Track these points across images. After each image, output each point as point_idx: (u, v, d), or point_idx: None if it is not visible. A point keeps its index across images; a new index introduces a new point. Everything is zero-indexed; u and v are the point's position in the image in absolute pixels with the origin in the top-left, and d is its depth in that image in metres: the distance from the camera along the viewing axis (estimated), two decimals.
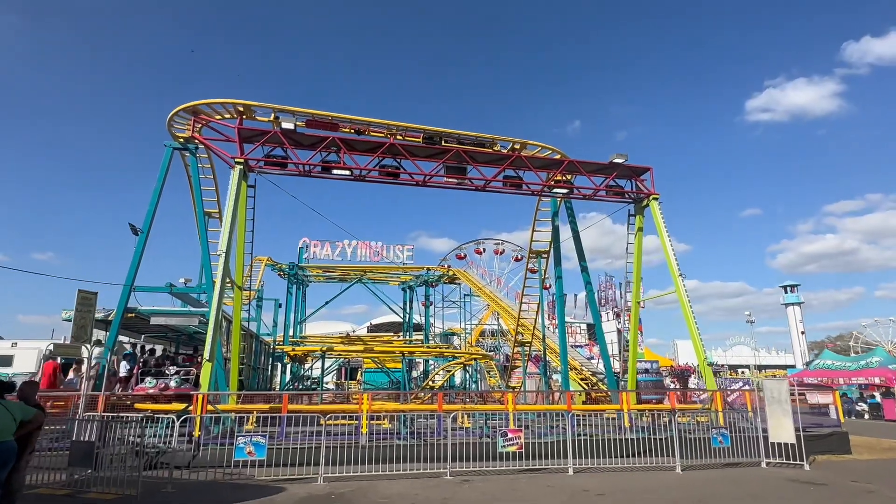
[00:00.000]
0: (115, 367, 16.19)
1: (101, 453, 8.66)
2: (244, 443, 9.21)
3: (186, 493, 8.52)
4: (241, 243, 15.41)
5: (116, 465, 8.72)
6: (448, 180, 16.44)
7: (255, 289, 26.51)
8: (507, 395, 13.09)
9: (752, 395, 14.14)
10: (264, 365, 28.49)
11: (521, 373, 34.55)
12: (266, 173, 15.58)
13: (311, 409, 12.40)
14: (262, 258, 36.31)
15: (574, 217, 19.39)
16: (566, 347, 18.14)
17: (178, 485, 8.99)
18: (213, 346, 12.08)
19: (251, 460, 9.29)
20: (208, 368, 11.84)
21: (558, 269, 18.80)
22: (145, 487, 8.82)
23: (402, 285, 43.59)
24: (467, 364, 22.82)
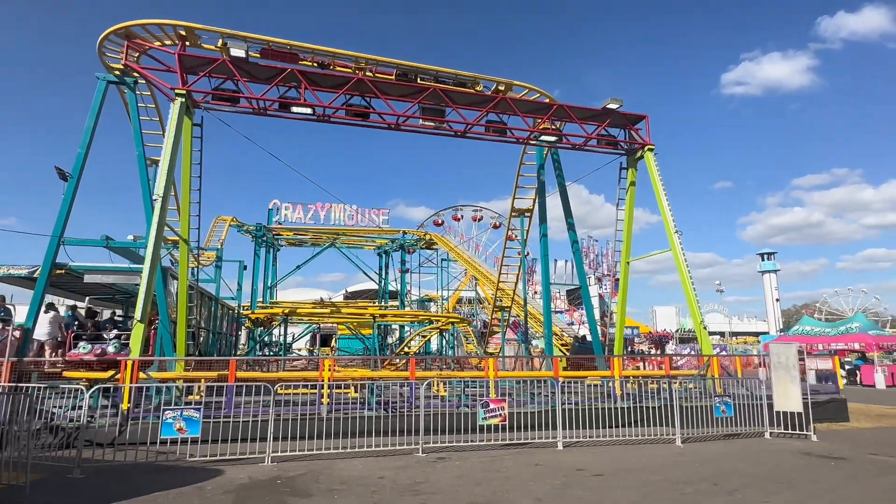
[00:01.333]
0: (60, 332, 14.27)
1: (7, 430, 6.99)
2: (173, 417, 7.61)
3: (94, 480, 6.93)
4: (185, 189, 13.44)
5: (25, 444, 7.08)
6: (424, 124, 14.62)
7: (215, 248, 24.44)
8: (487, 360, 11.72)
9: (740, 361, 13.25)
10: (229, 331, 26.75)
11: (499, 339, 33.57)
12: (214, 110, 13.53)
13: (264, 376, 10.84)
14: (225, 218, 34.14)
15: (561, 169, 17.83)
16: (550, 311, 16.89)
17: (92, 468, 7.39)
18: (146, 305, 10.31)
19: (190, 437, 7.71)
20: (139, 330, 10.10)
21: (543, 227, 17.36)
22: (51, 471, 7.21)
23: (377, 250, 41.90)
24: (444, 329, 21.47)
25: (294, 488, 6.65)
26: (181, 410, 7.67)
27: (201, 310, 20.01)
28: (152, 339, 15.06)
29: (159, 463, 7.68)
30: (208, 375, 10.90)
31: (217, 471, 7.42)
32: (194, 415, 7.68)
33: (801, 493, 6.50)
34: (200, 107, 13.42)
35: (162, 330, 14.15)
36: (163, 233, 11.24)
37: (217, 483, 6.84)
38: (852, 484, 6.98)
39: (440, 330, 21.24)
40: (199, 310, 19.96)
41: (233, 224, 34.51)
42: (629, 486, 6.77)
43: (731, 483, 6.95)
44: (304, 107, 13.59)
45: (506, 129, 15.30)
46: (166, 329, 14.01)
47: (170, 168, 11.71)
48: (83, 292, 18.99)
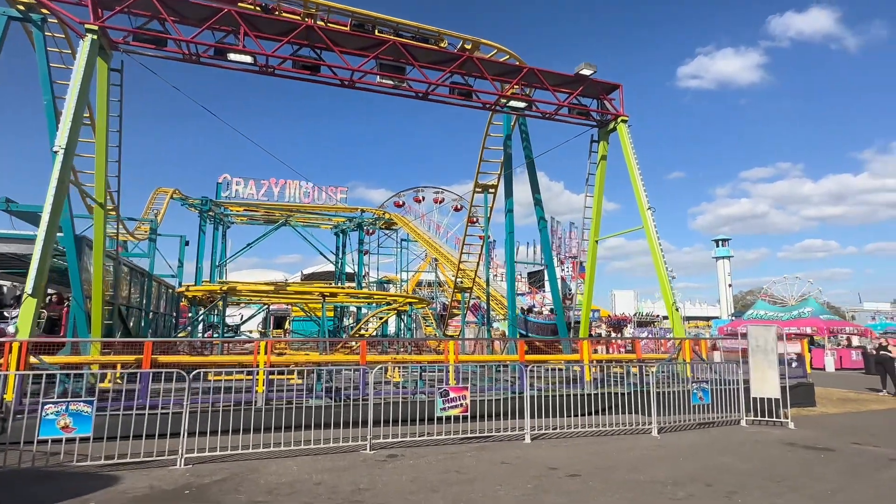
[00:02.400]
0: None
1: None
2: (55, 413, 6.08)
3: None
4: (101, 145, 11.53)
5: None
6: (382, 82, 13.14)
7: (149, 220, 22.25)
8: (446, 343, 10.56)
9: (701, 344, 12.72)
10: (168, 311, 24.63)
11: (459, 321, 32.66)
12: (136, 53, 11.62)
13: (190, 360, 9.33)
14: (167, 189, 31.57)
15: (529, 141, 16.74)
16: (514, 290, 15.90)
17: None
18: (39, 277, 8.57)
19: (79, 437, 6.20)
20: (30, 307, 8.37)
21: (509, 202, 16.27)
22: None
23: (334, 229, 40.09)
24: (402, 311, 20.21)
25: (205, 501, 5.31)
26: (67, 404, 6.14)
27: (131, 287, 18.03)
28: (65, 319, 13.23)
29: (41, 469, 6.16)
30: (121, 360, 9.30)
31: (112, 478, 5.98)
32: (84, 409, 6.17)
33: (808, 496, 5.66)
34: (119, 48, 11.49)
35: (75, 308, 12.32)
36: (65, 191, 9.46)
37: (106, 496, 5.41)
38: (855, 482, 6.21)
39: (398, 312, 19.98)
40: (129, 287, 18.00)
41: (176, 197, 31.89)
42: (612, 490, 5.76)
43: (726, 483, 6.05)
44: (244, 54, 11.88)
45: (472, 93, 14.00)
46: (80, 307, 12.17)
47: (76, 115, 9.86)
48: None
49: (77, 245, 12.39)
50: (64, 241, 12.36)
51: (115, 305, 16.01)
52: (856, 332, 30.43)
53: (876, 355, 17.19)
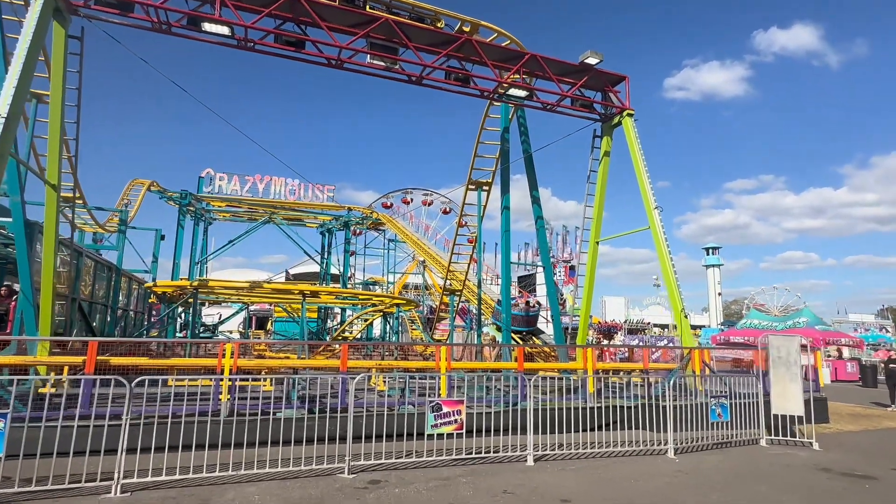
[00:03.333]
0: None
1: None
2: None
3: None
4: (55, 121, 10.28)
5: None
6: (372, 62, 12.06)
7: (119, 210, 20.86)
8: (438, 348, 9.49)
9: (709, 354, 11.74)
10: (139, 309, 23.18)
11: (447, 325, 31.56)
12: (98, 19, 10.41)
13: (142, 363, 8.14)
14: (143, 181, 30.07)
15: (528, 134, 15.77)
16: (509, 293, 14.89)
17: None
18: None
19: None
20: None
21: (506, 198, 15.28)
22: None
23: (320, 228, 38.85)
24: (388, 313, 19.09)
25: None
26: None
27: (95, 281, 16.68)
28: (13, 314, 11.91)
29: None
30: (62, 361, 8.08)
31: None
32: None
33: None
34: (79, 13, 10.28)
35: (23, 302, 11.02)
36: (4, 163, 8.22)
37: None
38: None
39: (384, 313, 18.86)
40: (92, 281, 16.65)
41: (154, 190, 30.40)
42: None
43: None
44: (220, 24, 10.73)
45: (469, 78, 12.98)
46: (29, 301, 10.87)
47: (21, 81, 8.63)
48: None
49: (28, 231, 11.13)
50: (13, 226, 11.10)
51: (75, 300, 14.73)
52: (850, 344, 29.93)
53: (886, 368, 16.48)
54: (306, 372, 10.25)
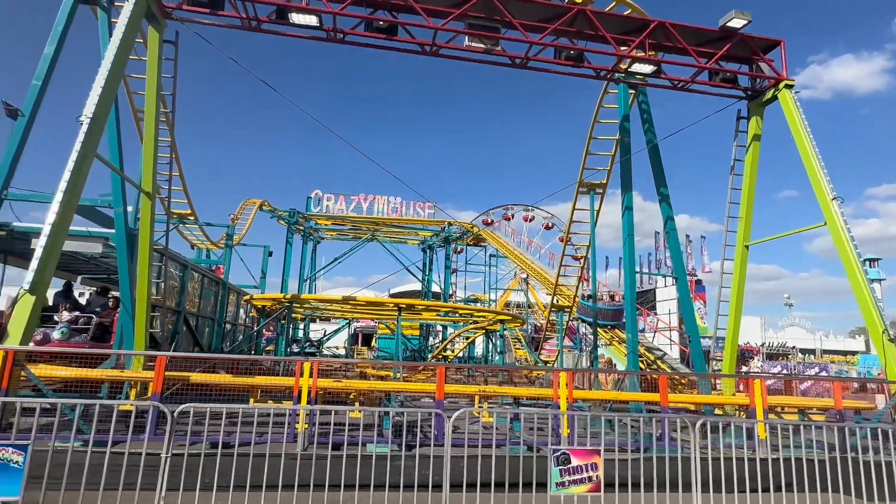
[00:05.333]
0: None
1: None
2: None
3: None
4: (150, 129, 10.07)
5: None
6: (471, 45, 10.67)
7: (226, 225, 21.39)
8: (556, 374, 7.59)
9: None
10: (248, 324, 23.69)
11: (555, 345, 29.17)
12: (189, 21, 10.11)
13: (216, 380, 7.19)
14: (255, 200, 31.39)
15: (652, 122, 13.46)
16: (635, 307, 12.51)
17: None
18: (42, 268, 6.86)
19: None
20: (26, 305, 6.64)
21: (628, 197, 13.02)
22: None
23: (421, 245, 38.61)
24: (491, 330, 17.40)
25: None
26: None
27: (202, 295, 16.86)
28: (115, 326, 11.90)
29: None
30: (136, 377, 7.37)
31: None
32: (13, 459, 4.03)
33: None
34: (172, 16, 10.04)
35: (123, 314, 10.89)
36: (88, 165, 7.85)
37: None
38: None
39: (486, 331, 17.22)
40: (199, 295, 16.84)
41: (265, 209, 31.71)
42: None
43: None
44: (308, 14, 9.96)
45: (583, 55, 11.12)
46: (129, 314, 10.70)
47: (108, 82, 8.31)
48: (68, 268, 16.26)
49: (129, 242, 11.03)
50: (115, 237, 11.07)
51: (180, 313, 14.80)
52: None
53: None
54: (400, 396, 8.87)
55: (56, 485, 4.69)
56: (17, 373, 6.31)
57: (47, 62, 10.78)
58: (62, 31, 10.85)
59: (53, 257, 7.21)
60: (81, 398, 6.95)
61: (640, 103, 13.66)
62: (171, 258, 13.67)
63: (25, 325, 6.54)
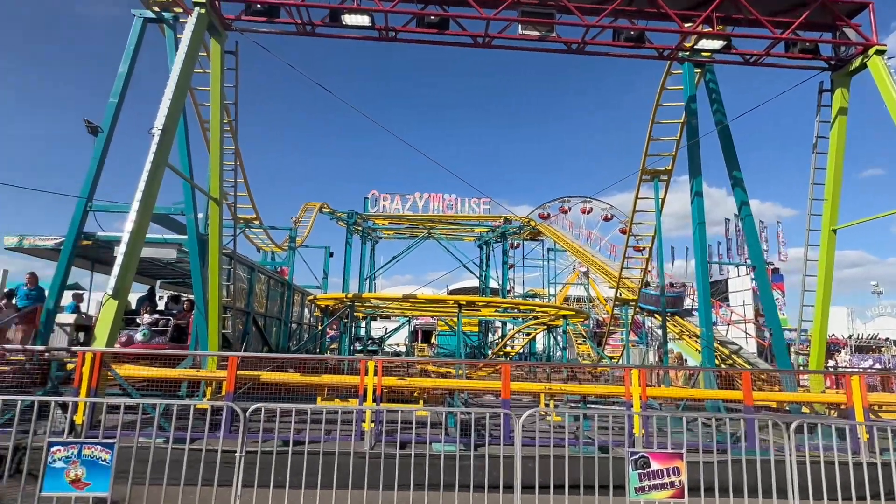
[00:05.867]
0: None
1: None
2: (64, 458, 4.20)
3: None
4: (215, 138, 10.48)
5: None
6: (525, 34, 10.38)
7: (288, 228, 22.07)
8: (627, 371, 7.21)
9: None
10: (312, 323, 24.40)
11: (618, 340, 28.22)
12: (247, 31, 10.42)
13: (285, 378, 7.35)
14: (314, 203, 32.30)
15: (721, 102, 12.62)
16: (709, 296, 11.75)
17: None
18: (123, 273, 7.25)
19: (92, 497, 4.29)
20: (110, 309, 7.04)
21: (697, 181, 12.26)
22: None
23: (477, 241, 38.56)
24: (553, 326, 16.99)
25: None
26: (80, 447, 4.23)
27: (268, 296, 17.47)
28: (191, 328, 12.50)
29: None
30: (210, 376, 7.65)
31: None
32: (102, 455, 4.22)
33: None
34: (232, 27, 10.38)
35: (197, 316, 11.42)
36: (160, 174, 8.24)
37: None
38: None
39: (548, 326, 16.82)
40: (265, 296, 17.46)
41: (325, 211, 32.63)
42: None
43: None
44: (360, 14, 10.01)
45: (644, 34, 10.56)
46: (203, 315, 11.22)
47: (176, 95, 8.68)
48: (106, 263, 17.10)
49: (201, 247, 11.55)
50: (188, 243, 11.61)
51: (249, 314, 15.39)
52: None
53: None
54: (463, 394, 8.77)
55: (140, 479, 4.90)
56: (105, 373, 6.69)
57: (122, 80, 11.45)
58: (133, 50, 11.49)
59: (133, 263, 7.60)
60: (162, 397, 7.31)
61: (707, 82, 12.85)
62: (238, 261, 14.23)
63: (110, 328, 6.94)
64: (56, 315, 11.24)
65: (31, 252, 12.43)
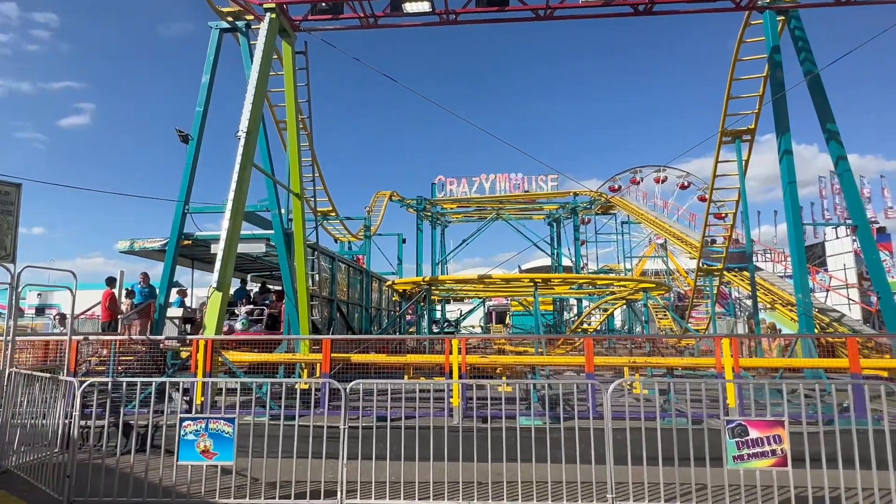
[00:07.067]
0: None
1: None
2: (195, 432, 4.74)
3: None
4: (293, 136, 11.05)
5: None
6: (589, 1, 10.07)
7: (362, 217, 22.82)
8: (717, 340, 6.97)
9: None
10: (391, 308, 25.24)
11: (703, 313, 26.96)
12: (315, 30, 10.83)
13: (375, 360, 7.74)
14: (385, 192, 33.11)
15: (810, 50, 11.59)
16: (804, 258, 10.94)
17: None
18: (224, 267, 7.91)
19: (221, 465, 4.83)
20: (216, 300, 7.72)
21: (785, 138, 11.38)
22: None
23: (547, 219, 37.92)
24: (632, 300, 16.55)
25: None
26: (206, 422, 4.76)
27: (349, 284, 18.28)
28: (282, 316, 13.36)
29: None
30: (305, 359, 8.20)
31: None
32: (225, 429, 4.73)
33: None
34: (300, 28, 10.84)
35: (289, 306, 12.20)
36: (248, 175, 8.84)
37: None
38: None
39: (626, 300, 16.41)
40: (347, 284, 18.27)
41: (395, 199, 33.39)
42: None
43: None
44: (421, 1, 10.12)
45: None
46: (292, 303, 11.98)
47: (256, 98, 9.24)
48: (203, 260, 18.24)
49: (287, 241, 12.29)
50: (274, 237, 12.38)
51: (333, 301, 16.20)
52: None
53: None
54: (546, 370, 8.85)
55: (258, 453, 5.42)
56: (216, 358, 7.39)
57: (205, 90, 12.29)
58: (213, 60, 12.27)
59: (232, 258, 8.27)
60: (265, 378, 7.95)
61: (791, 30, 11.82)
62: (321, 252, 14.99)
63: (217, 317, 7.63)
64: (167, 309, 12.45)
65: (140, 254, 13.72)
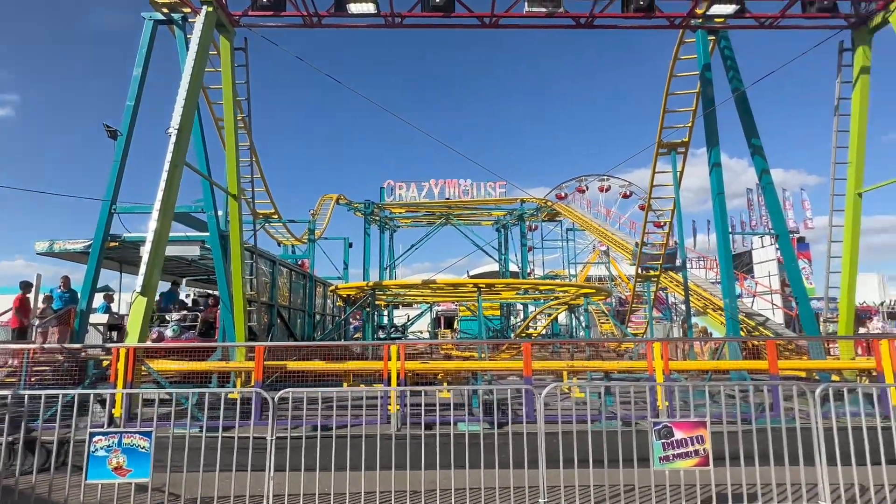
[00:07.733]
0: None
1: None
2: (106, 447, 4.40)
3: None
4: (230, 134, 10.63)
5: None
6: (531, 11, 10.23)
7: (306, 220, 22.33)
8: (649, 345, 7.22)
9: None
10: (336, 314, 24.74)
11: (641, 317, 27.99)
12: (255, 26, 10.49)
13: (311, 367, 7.52)
14: (331, 195, 32.53)
15: (737, 69, 12.29)
16: (731, 270, 11.59)
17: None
18: (150, 270, 7.46)
19: (135, 482, 4.50)
20: (140, 306, 7.27)
21: (714, 152, 12.02)
22: None
23: (495, 225, 38.47)
24: (574, 305, 16.95)
25: None
26: (120, 436, 4.43)
27: (291, 289, 17.77)
28: (217, 322, 12.81)
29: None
30: (238, 367, 7.87)
31: None
32: (141, 443, 4.41)
33: None
34: (240, 23, 10.47)
35: (223, 310, 11.70)
36: (179, 173, 8.41)
37: None
38: None
39: (569, 306, 16.79)
40: (288, 288, 17.76)
41: (341, 202, 32.84)
42: None
43: None
44: (365, 2, 9.99)
45: (653, 3, 10.32)
46: (228, 310, 11.49)
47: (189, 95, 8.81)
48: (131, 263, 17.38)
49: (223, 243, 11.80)
50: (210, 239, 11.86)
51: (273, 306, 15.69)
52: None
53: None
54: (487, 375, 8.87)
55: (178, 467, 5.11)
56: (139, 368, 6.94)
57: (136, 83, 11.63)
58: (146, 53, 11.64)
59: (159, 261, 7.82)
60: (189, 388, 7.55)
61: (721, 49, 12.51)
62: (260, 255, 14.48)
63: (141, 324, 7.18)
64: (89, 316, 11.64)
65: (61, 256, 12.83)
